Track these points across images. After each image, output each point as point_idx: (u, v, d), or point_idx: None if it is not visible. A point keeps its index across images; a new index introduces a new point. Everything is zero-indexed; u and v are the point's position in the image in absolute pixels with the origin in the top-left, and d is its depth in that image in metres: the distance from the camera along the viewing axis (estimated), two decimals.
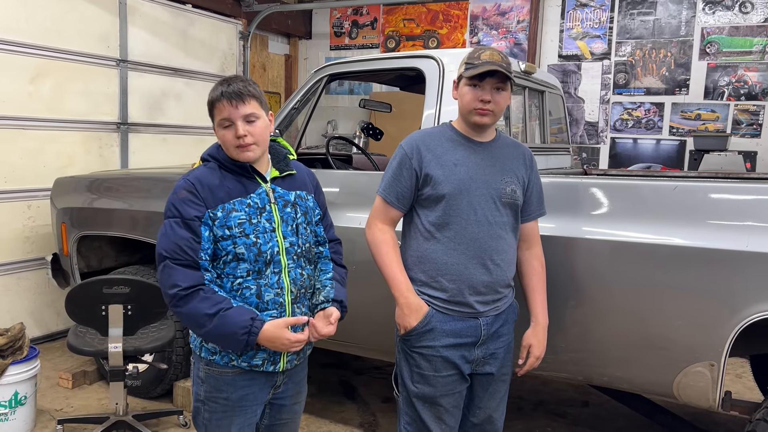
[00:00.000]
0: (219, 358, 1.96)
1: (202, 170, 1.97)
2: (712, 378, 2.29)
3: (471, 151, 2.16)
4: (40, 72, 4.62)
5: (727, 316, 2.22)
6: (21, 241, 4.63)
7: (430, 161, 2.11)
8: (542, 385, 4.24)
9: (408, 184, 2.14)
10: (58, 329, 4.86)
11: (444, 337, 2.12)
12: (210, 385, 1.98)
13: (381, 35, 7.32)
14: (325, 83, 3.26)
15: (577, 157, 6.24)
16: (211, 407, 2.00)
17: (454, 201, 2.09)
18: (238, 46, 6.55)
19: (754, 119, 5.63)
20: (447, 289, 2.12)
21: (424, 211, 2.15)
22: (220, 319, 1.82)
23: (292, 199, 2.02)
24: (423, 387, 2.16)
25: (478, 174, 2.12)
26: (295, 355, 2.03)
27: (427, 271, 2.14)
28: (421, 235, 2.15)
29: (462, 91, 2.12)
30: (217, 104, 1.92)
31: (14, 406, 3.27)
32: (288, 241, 1.97)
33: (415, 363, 2.17)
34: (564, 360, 2.60)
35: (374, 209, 2.22)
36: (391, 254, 2.16)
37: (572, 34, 6.29)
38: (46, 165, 4.69)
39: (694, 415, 3.65)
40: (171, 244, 1.85)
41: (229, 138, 1.92)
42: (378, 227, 2.19)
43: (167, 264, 1.85)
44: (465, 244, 2.11)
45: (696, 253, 2.27)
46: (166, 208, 1.91)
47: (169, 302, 1.87)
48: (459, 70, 2.14)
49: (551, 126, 4.22)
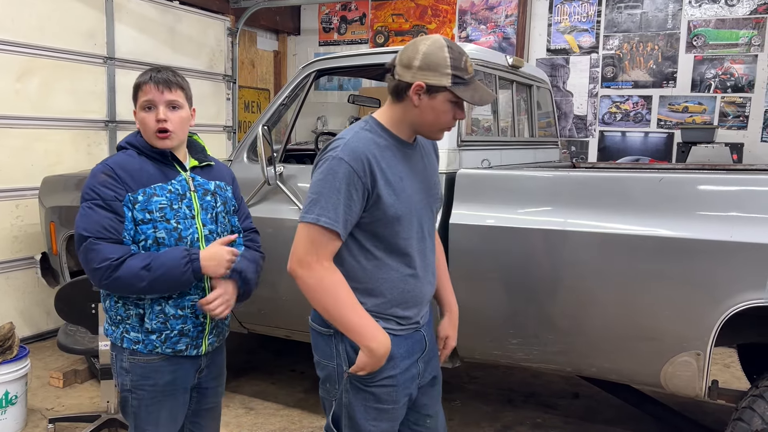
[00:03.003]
0: (142, 347, 1.99)
1: (121, 156, 2.00)
2: (699, 367, 2.32)
3: (407, 157, 1.83)
4: (26, 70, 4.59)
5: (712, 306, 2.25)
6: (9, 240, 4.61)
7: (380, 178, 1.72)
8: (533, 377, 4.27)
9: (358, 208, 1.71)
10: (48, 328, 4.85)
11: (401, 361, 1.83)
12: (136, 374, 2.01)
13: (370, 31, 7.31)
14: (314, 79, 3.26)
15: (566, 151, 6.27)
16: (138, 395, 2.02)
17: (406, 221, 1.78)
18: (226, 42, 6.53)
19: (740, 111, 5.67)
20: (401, 315, 1.83)
21: (366, 236, 1.77)
22: (155, 262, 1.87)
23: (212, 188, 2.09)
24: (381, 423, 1.83)
25: (416, 184, 1.84)
26: (215, 338, 2.11)
27: (379, 304, 1.79)
28: (367, 262, 1.78)
29: (440, 106, 1.73)
30: (143, 86, 1.97)
31: (5, 406, 3.26)
32: (207, 228, 2.04)
33: (373, 398, 1.80)
34: (553, 351, 2.62)
35: (308, 243, 1.70)
36: (352, 296, 1.74)
37: (560, 28, 6.31)
38: (34, 164, 4.67)
39: (683, 405, 3.69)
40: (94, 224, 1.87)
41: (149, 121, 1.96)
42: (323, 266, 1.71)
43: (91, 242, 1.86)
44: (418, 268, 1.84)
45: (681, 244, 2.29)
46: (83, 192, 1.93)
47: (101, 276, 1.86)
48: (431, 78, 1.70)
49: (540, 120, 4.24)
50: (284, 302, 3.22)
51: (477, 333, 2.79)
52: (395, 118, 1.80)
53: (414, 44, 1.75)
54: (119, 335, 2.01)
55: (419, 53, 1.71)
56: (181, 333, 2.00)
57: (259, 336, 4.54)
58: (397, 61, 1.76)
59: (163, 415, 2.05)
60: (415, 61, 1.71)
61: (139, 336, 1.99)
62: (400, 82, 1.74)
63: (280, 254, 3.16)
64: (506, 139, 3.72)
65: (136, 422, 2.05)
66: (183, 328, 2.01)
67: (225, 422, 3.50)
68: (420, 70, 1.70)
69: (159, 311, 1.98)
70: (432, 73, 1.70)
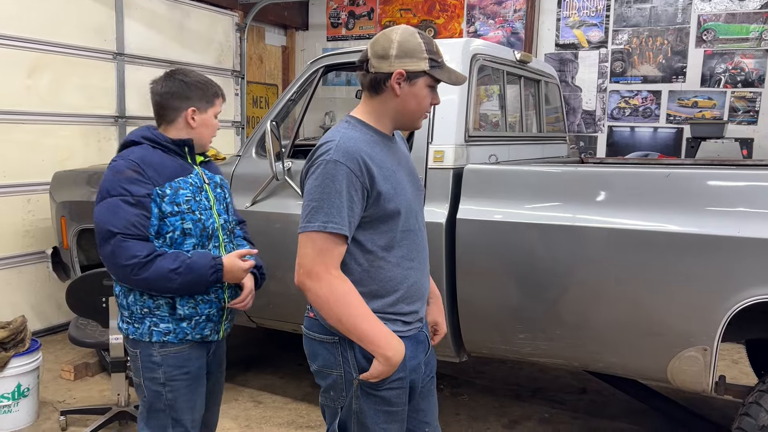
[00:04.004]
0: (173, 337, 2.06)
1: (139, 150, 2.07)
2: (705, 362, 2.32)
3: (392, 151, 1.82)
4: (37, 66, 4.62)
5: (719, 301, 2.25)
6: (21, 235, 4.66)
7: (377, 175, 1.69)
8: (540, 372, 4.28)
9: (359, 210, 1.68)
10: (59, 322, 4.89)
11: (409, 362, 1.80)
12: (168, 365, 2.06)
13: (378, 26, 7.30)
14: (322, 74, 3.27)
15: (574, 146, 6.25)
16: (173, 386, 2.07)
17: (405, 214, 1.77)
18: (234, 38, 6.54)
19: (750, 106, 5.63)
20: (407, 311, 1.81)
21: (367, 235, 1.73)
22: (186, 268, 1.98)
23: (218, 181, 2.24)
24: (391, 426, 1.81)
25: (405, 177, 1.83)
26: (229, 324, 2.26)
27: (385, 303, 1.77)
28: (369, 264, 1.75)
29: (420, 92, 1.75)
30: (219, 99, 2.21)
31: (17, 398, 3.30)
32: (222, 218, 2.19)
33: (383, 401, 1.78)
34: (560, 346, 2.63)
35: (315, 253, 1.66)
36: (363, 303, 1.70)
37: (569, 22, 6.28)
38: (44, 159, 4.71)
39: (690, 400, 3.68)
40: (122, 220, 1.93)
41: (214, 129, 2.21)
42: (332, 275, 1.66)
43: (119, 239, 1.91)
44: (417, 260, 1.83)
45: (688, 239, 2.29)
46: (107, 187, 1.99)
47: (129, 272, 1.92)
48: (410, 64, 1.71)
49: (548, 115, 4.24)
50: (292, 296, 3.24)
51: (484, 328, 2.81)
52: (376, 112, 1.79)
53: (384, 35, 1.74)
54: (146, 330, 2.05)
55: (393, 42, 1.71)
56: (208, 318, 2.12)
57: (267, 330, 4.58)
58: (370, 54, 1.75)
59: (198, 401, 2.14)
60: (391, 50, 1.71)
61: (169, 326, 2.05)
62: (378, 74, 1.73)
63: (288, 249, 3.18)
64: (514, 134, 3.72)
65: (173, 414, 2.09)
66: (209, 313, 2.13)
67: (234, 415, 3.54)
68: (398, 59, 1.71)
69: (189, 297, 2.08)
70: (410, 59, 1.71)
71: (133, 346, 2.10)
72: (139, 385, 2.12)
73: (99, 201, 1.98)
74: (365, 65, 1.75)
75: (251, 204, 3.28)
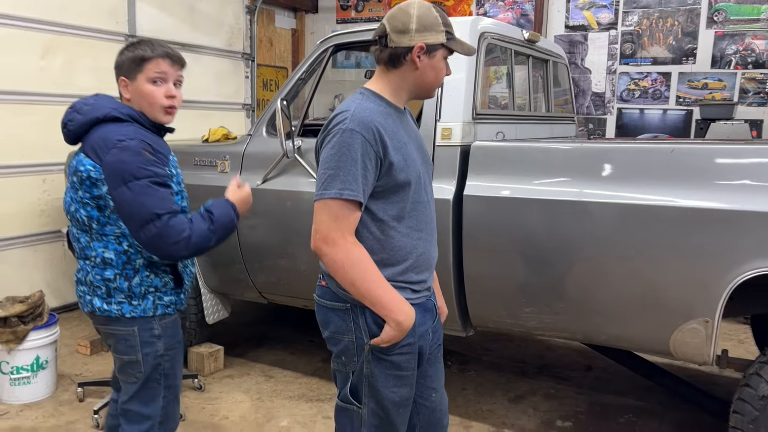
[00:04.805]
0: (173, 309, 2.13)
1: (138, 131, 1.97)
2: (707, 335, 2.36)
3: (404, 124, 1.88)
4: (50, 47, 4.68)
5: (720, 273, 2.29)
6: (36, 214, 4.75)
7: (389, 145, 1.75)
8: (546, 349, 4.33)
9: (373, 178, 1.74)
10: (75, 299, 4.99)
11: (418, 328, 1.86)
12: (167, 335, 2.11)
13: (387, 8, 7.30)
14: (331, 53, 3.30)
15: (583, 128, 6.25)
16: (170, 355, 2.12)
17: (415, 185, 1.82)
18: (244, 20, 6.57)
19: (761, 87, 5.61)
20: (415, 280, 1.87)
21: (378, 205, 1.79)
22: (217, 224, 1.99)
23: None
24: (401, 390, 1.86)
25: (415, 150, 1.88)
26: None
27: (395, 272, 1.83)
28: (381, 232, 1.80)
29: (438, 63, 1.82)
30: (154, 59, 1.97)
31: (36, 370, 3.40)
32: None
33: (393, 366, 1.83)
34: (564, 320, 2.68)
35: (331, 219, 1.71)
36: (376, 269, 1.76)
37: (579, 4, 6.26)
38: (59, 140, 4.74)
39: (694, 376, 3.73)
40: (160, 201, 1.91)
41: (158, 95, 1.99)
42: (348, 241, 1.73)
43: (165, 219, 1.89)
44: (425, 231, 1.89)
45: (691, 213, 2.32)
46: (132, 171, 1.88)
47: (182, 247, 1.92)
48: (429, 37, 1.78)
49: (556, 96, 4.25)
50: (303, 272, 3.31)
51: (490, 302, 2.86)
52: (393, 85, 1.85)
53: (401, 10, 1.80)
54: (150, 305, 2.04)
55: (413, 17, 1.77)
56: None
57: (278, 307, 4.65)
58: (389, 29, 1.79)
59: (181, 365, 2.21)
60: (411, 25, 1.77)
61: (172, 298, 2.11)
62: (398, 47, 1.78)
63: (299, 226, 3.26)
64: (522, 113, 3.74)
65: (168, 382, 2.11)
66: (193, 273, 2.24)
67: (246, 389, 3.62)
68: (418, 32, 1.77)
69: (184, 266, 2.16)
70: (429, 32, 1.78)
71: (128, 325, 2.03)
72: (135, 362, 2.04)
73: (124, 184, 1.88)
74: (384, 40, 1.80)
75: (262, 182, 3.33)
